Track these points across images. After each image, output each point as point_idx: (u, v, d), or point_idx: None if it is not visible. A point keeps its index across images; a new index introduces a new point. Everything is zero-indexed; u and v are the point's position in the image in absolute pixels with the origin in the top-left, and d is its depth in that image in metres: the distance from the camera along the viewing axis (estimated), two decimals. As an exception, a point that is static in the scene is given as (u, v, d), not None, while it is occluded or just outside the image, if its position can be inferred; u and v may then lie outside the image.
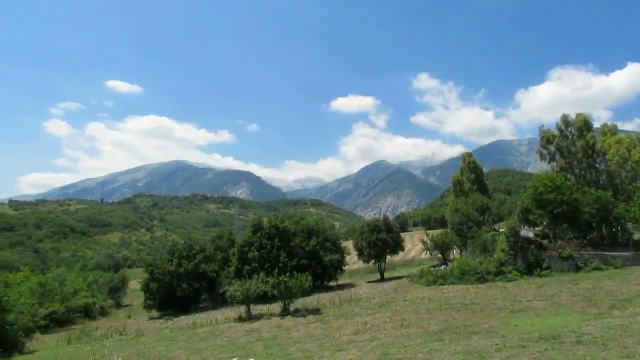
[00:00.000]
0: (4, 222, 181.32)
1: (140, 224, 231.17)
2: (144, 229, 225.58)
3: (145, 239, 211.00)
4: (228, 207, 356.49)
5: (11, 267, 79.27)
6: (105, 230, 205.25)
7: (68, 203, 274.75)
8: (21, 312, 26.39)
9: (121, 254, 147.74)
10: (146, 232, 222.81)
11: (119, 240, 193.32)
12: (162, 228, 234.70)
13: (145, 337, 24.01)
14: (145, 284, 37.43)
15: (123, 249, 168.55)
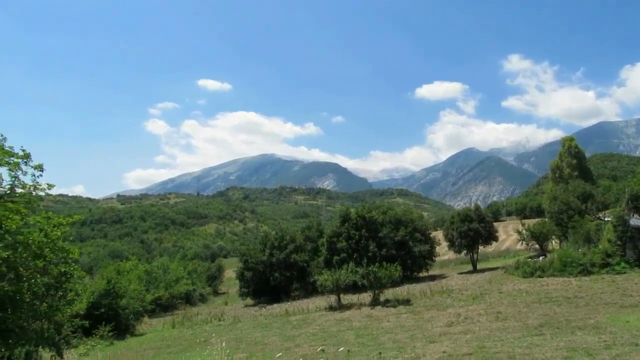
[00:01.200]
0: (113, 215, 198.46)
1: (233, 215, 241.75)
2: (236, 221, 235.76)
3: (238, 229, 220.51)
4: (315, 198, 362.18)
5: (122, 256, 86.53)
6: (202, 222, 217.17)
7: (168, 197, 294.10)
8: (132, 297, 28.72)
9: (217, 244, 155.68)
10: (239, 224, 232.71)
11: (215, 231, 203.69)
12: (254, 219, 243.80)
13: (241, 323, 25.15)
14: (240, 272, 39.18)
15: (218, 240, 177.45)
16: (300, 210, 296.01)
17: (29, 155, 13.44)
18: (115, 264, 40.55)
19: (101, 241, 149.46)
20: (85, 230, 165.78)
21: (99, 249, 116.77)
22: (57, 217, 13.68)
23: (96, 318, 24.15)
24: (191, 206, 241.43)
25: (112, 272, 30.77)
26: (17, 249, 12.40)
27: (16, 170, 13.00)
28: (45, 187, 13.70)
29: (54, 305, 13.67)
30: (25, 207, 13.03)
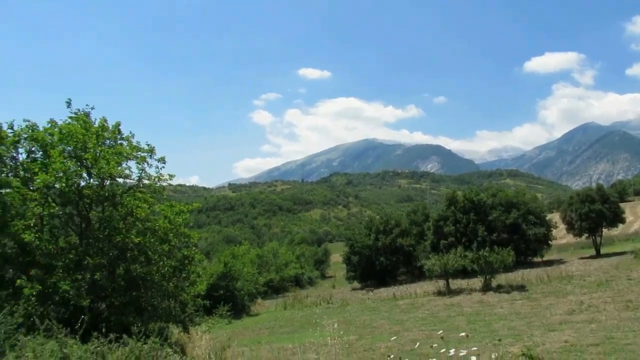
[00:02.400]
0: (226, 202, 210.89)
1: (337, 201, 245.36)
2: (340, 206, 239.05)
3: (342, 215, 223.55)
4: (419, 182, 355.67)
5: (235, 241, 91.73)
6: (307, 208, 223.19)
7: (275, 184, 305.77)
8: (246, 280, 30.42)
9: (322, 229, 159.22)
10: (343, 209, 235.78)
11: (320, 217, 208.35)
12: (357, 204, 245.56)
13: (350, 306, 25.58)
14: (347, 257, 39.77)
15: (323, 225, 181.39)
16: (404, 195, 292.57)
17: (153, 149, 14.67)
18: (229, 248, 43.12)
19: (216, 227, 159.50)
20: (202, 217, 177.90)
21: (214, 234, 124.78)
22: (179, 205, 14.84)
23: (215, 299, 25.92)
24: (297, 193, 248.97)
25: (228, 256, 32.76)
26: (146, 234, 13.66)
27: (143, 163, 14.28)
28: (167, 177, 14.90)
29: (179, 286, 14.89)
30: (151, 196, 14.30)
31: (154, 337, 7.14)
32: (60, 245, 13.08)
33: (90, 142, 13.16)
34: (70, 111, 14.00)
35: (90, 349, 6.14)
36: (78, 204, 13.24)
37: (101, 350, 6.06)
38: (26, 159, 13.32)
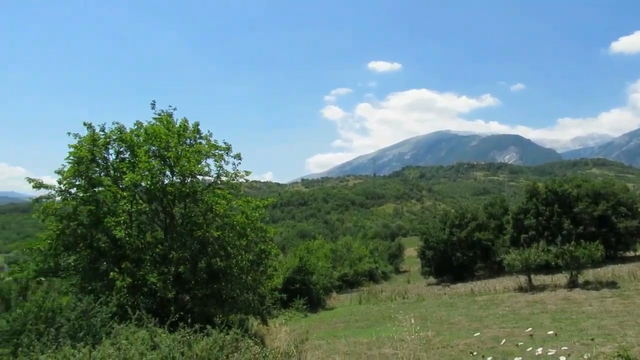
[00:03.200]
0: (299, 198, 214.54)
1: (410, 194, 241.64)
2: (414, 200, 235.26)
3: (415, 208, 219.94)
4: (496, 174, 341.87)
5: (309, 235, 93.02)
6: (380, 202, 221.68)
7: (347, 179, 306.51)
8: (321, 274, 30.76)
9: (395, 224, 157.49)
10: (416, 203, 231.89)
11: (393, 211, 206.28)
12: (431, 198, 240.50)
13: (425, 302, 25.13)
14: (421, 251, 39.10)
15: (396, 219, 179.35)
16: (480, 187, 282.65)
17: (230, 147, 15.20)
18: (304, 243, 43.80)
19: (290, 222, 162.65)
20: (276, 213, 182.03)
21: (288, 229, 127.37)
22: (255, 201, 15.27)
23: (291, 292, 26.44)
24: (369, 187, 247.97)
25: (303, 251, 33.28)
26: (225, 229, 14.19)
27: (220, 161, 14.84)
28: (243, 174, 15.39)
29: (257, 279, 15.35)
30: (229, 192, 14.83)
31: (235, 328, 7.39)
32: (148, 240, 13.92)
33: (172, 141, 13.86)
34: (154, 112, 14.82)
35: (177, 338, 6.47)
36: (162, 201, 14.01)
37: (187, 339, 6.37)
38: (116, 159, 14.26)
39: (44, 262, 13.07)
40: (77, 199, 13.37)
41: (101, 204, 13.36)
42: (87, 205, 13.26)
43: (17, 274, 12.77)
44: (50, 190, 13.46)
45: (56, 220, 13.07)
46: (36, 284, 11.51)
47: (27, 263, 13.23)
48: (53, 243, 13.07)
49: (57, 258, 13.15)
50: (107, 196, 13.44)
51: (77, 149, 13.35)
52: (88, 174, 13.36)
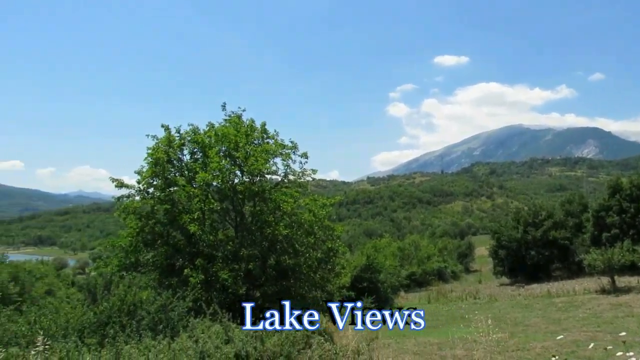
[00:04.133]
0: (365, 196, 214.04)
1: (480, 192, 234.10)
2: (484, 197, 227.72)
3: (486, 206, 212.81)
4: (574, 169, 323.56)
5: (375, 234, 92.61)
6: (448, 200, 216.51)
7: (413, 177, 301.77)
8: (389, 272, 30.50)
9: (465, 222, 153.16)
10: (486, 200, 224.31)
11: (462, 209, 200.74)
12: (502, 195, 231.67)
13: (498, 302, 24.26)
14: (493, 250, 37.78)
15: (466, 217, 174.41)
16: (556, 184, 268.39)
17: (296, 146, 15.39)
18: (371, 241, 43.65)
19: (356, 220, 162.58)
20: (342, 211, 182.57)
21: (354, 227, 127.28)
22: (322, 199, 15.36)
23: (359, 290, 26.36)
24: (436, 184, 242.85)
25: (370, 249, 33.15)
26: (293, 227, 14.39)
27: (288, 160, 15.07)
28: (310, 172, 15.54)
29: (325, 277, 15.43)
30: (296, 191, 15.02)
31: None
32: (219, 237, 14.37)
33: (241, 142, 14.23)
34: (224, 114, 15.31)
35: (250, 333, 6.64)
36: (233, 200, 14.43)
37: (260, 334, 6.52)
38: (189, 160, 14.86)
39: (125, 258, 13.86)
40: (155, 198, 14.08)
41: (176, 203, 13.97)
42: (163, 204, 13.92)
43: (102, 269, 13.64)
44: (131, 190, 14.27)
45: (136, 218, 13.82)
46: (119, 279, 12.20)
47: (111, 259, 14.09)
48: (133, 240, 13.84)
49: (137, 254, 13.90)
50: (182, 195, 14.03)
51: (154, 151, 14.04)
52: (164, 174, 14.02)
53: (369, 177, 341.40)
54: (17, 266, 23.06)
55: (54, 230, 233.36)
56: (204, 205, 13.85)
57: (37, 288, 21.01)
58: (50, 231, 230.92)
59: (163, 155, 13.99)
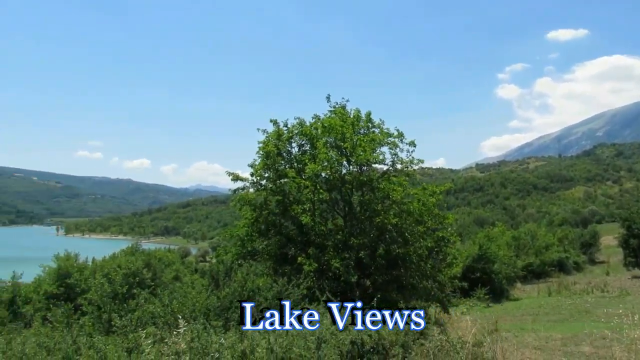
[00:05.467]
0: (474, 183, 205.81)
1: (605, 176, 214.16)
2: (609, 182, 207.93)
3: (612, 191, 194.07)
4: None
5: (486, 222, 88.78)
6: (567, 185, 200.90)
7: (527, 161, 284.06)
8: (503, 262, 29.09)
9: (587, 209, 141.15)
10: (613, 185, 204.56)
11: (583, 195, 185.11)
12: (632, 179, 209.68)
13: (631, 297, 22.14)
14: (623, 240, 34.48)
15: (588, 204, 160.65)
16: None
17: (403, 134, 15.19)
18: (483, 230, 41.86)
19: (465, 209, 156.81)
20: (450, 199, 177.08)
21: (464, 216, 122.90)
22: (431, 187, 15.03)
23: (472, 281, 25.49)
24: (553, 169, 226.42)
25: (483, 238, 31.83)
26: (402, 216, 14.25)
27: (395, 148, 14.93)
28: (417, 161, 15.26)
29: (436, 267, 15.12)
30: (404, 179, 14.84)
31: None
32: (329, 227, 14.68)
33: (347, 132, 14.35)
34: (329, 105, 15.53)
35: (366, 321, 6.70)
36: (341, 190, 14.63)
37: (375, 322, 6.56)
38: (298, 152, 15.31)
39: (242, 247, 14.69)
40: (267, 190, 14.74)
41: (287, 194, 14.50)
42: (275, 195, 14.53)
43: (222, 257, 14.57)
44: (245, 182, 15.07)
45: (250, 209, 14.58)
46: (237, 266, 12.96)
47: (229, 247, 15.02)
48: (249, 230, 14.63)
49: (253, 243, 14.65)
50: (292, 187, 14.51)
51: (265, 144, 14.68)
52: (275, 167, 14.60)
53: (478, 164, 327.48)
54: (149, 254, 25.42)
55: (177, 221, 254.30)
56: (314, 196, 14.20)
57: (166, 274, 23.03)
58: (175, 222, 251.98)
59: (273, 149, 14.56)
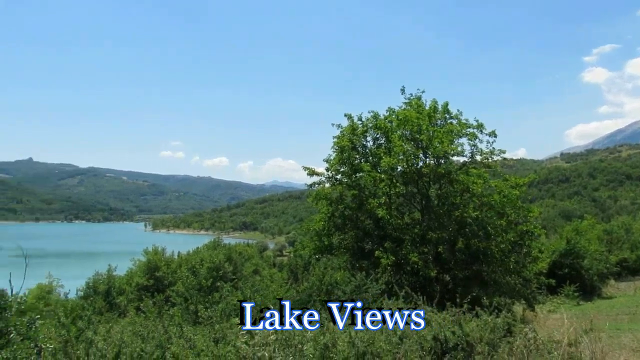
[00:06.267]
0: (559, 174, 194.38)
1: None
2: None
3: None
4: None
5: (573, 215, 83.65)
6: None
7: (619, 150, 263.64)
8: (594, 258, 27.25)
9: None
10: None
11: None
12: None
13: None
14: None
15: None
16: None
17: (482, 125, 14.62)
18: (572, 223, 39.40)
19: (549, 201, 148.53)
20: (533, 191, 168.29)
21: (548, 209, 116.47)
22: (514, 178, 14.36)
23: (559, 277, 24.11)
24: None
25: (571, 232, 29.99)
26: (482, 209, 13.73)
27: (474, 140, 14.41)
28: (498, 151, 14.64)
29: (520, 262, 14.43)
30: (485, 171, 14.28)
31: (505, 312, 7.05)
32: (406, 220, 14.44)
33: (423, 124, 14.03)
34: (404, 97, 15.28)
35: (447, 318, 6.50)
36: (418, 183, 14.35)
37: (458, 319, 6.35)
38: (373, 146, 15.20)
39: (319, 241, 14.83)
40: (343, 184, 14.76)
41: (363, 188, 14.43)
42: (351, 189, 14.52)
43: (301, 251, 14.80)
44: (321, 177, 15.18)
45: (327, 203, 14.68)
46: (315, 261, 13.10)
47: (307, 242, 15.22)
48: (325, 224, 14.73)
49: (330, 237, 14.74)
50: (368, 181, 14.43)
51: (339, 139, 14.70)
52: (350, 161, 14.58)
53: (563, 153, 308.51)
54: (230, 248, 26.33)
55: (255, 216, 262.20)
56: (390, 190, 14.03)
57: (246, 267, 23.76)
58: (252, 218, 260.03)
59: (348, 143, 14.54)
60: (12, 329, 6.73)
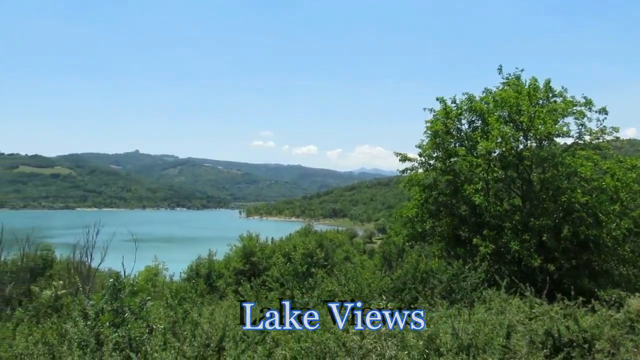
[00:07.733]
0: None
1: None
2: None
3: None
4: None
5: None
6: None
7: None
8: None
9: None
10: None
11: None
12: None
13: None
14: None
15: None
16: None
17: (591, 102, 13.43)
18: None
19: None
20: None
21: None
22: (630, 159, 13.05)
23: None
24: None
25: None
26: (592, 194, 12.62)
27: (582, 118, 13.26)
28: (611, 129, 13.39)
29: (637, 251, 13.15)
30: (595, 153, 13.10)
31: (626, 306, 6.41)
32: (505, 207, 13.67)
33: (523, 104, 13.14)
34: (501, 77, 14.42)
35: (559, 311, 6.03)
36: (518, 167, 13.50)
37: (572, 312, 5.86)
38: (468, 129, 14.51)
39: (412, 228, 14.51)
40: (436, 170, 14.28)
41: (458, 173, 13.85)
42: (445, 175, 14.00)
43: (394, 238, 14.59)
44: (413, 162, 14.79)
45: (420, 189, 14.29)
46: (408, 248, 12.87)
47: (400, 229, 14.95)
48: (418, 211, 14.36)
49: (423, 224, 14.36)
50: (463, 166, 13.83)
51: (432, 123, 14.20)
52: (444, 146, 14.05)
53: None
54: (321, 235, 26.63)
55: (344, 204, 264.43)
56: (487, 175, 13.35)
57: (337, 254, 23.91)
58: (341, 205, 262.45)
59: (441, 127, 14.01)
60: (127, 309, 7.27)
